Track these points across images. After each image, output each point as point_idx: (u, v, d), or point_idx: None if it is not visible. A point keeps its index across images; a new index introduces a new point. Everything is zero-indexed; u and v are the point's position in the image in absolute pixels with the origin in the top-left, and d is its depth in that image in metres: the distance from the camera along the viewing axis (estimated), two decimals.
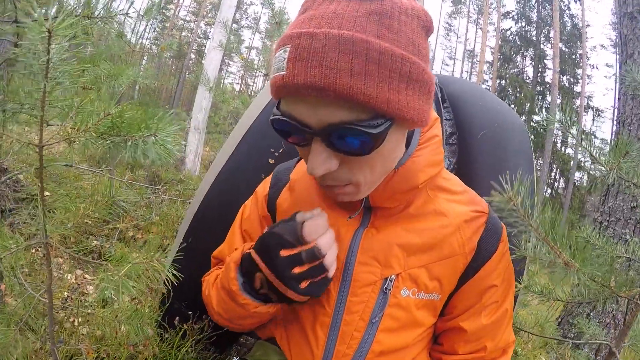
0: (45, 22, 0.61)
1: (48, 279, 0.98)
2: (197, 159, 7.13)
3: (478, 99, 1.20)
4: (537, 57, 20.90)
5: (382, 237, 0.71)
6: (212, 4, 22.60)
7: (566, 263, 0.96)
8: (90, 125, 0.79)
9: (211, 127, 9.03)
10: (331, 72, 0.49)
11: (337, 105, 0.51)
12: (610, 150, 1.14)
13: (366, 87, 0.49)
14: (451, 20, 27.54)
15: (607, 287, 1.09)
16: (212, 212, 1.20)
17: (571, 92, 19.43)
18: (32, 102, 0.70)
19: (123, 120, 0.79)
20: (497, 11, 21.08)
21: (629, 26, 2.94)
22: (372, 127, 0.52)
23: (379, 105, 0.51)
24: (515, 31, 22.12)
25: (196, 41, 22.79)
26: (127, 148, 0.75)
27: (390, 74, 0.51)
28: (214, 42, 7.10)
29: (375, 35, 0.51)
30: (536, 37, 21.09)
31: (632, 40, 2.89)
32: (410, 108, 0.54)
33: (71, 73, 0.71)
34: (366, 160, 0.59)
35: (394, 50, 0.51)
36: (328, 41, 0.49)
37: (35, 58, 0.65)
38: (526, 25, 21.73)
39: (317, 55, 0.49)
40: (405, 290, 0.70)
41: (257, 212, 0.85)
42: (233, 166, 1.21)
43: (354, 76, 0.49)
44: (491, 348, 0.75)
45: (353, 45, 0.49)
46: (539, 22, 20.94)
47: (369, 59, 0.49)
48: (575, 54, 19.99)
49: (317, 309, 0.72)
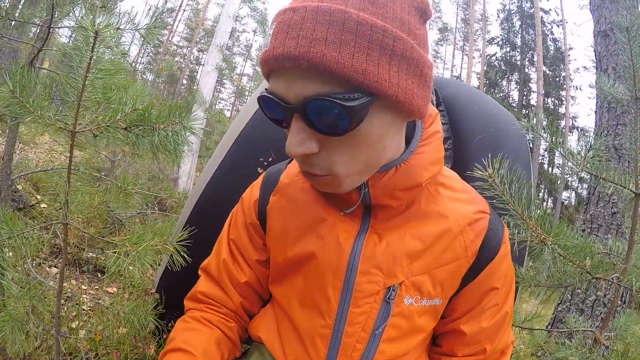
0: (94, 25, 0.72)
1: (62, 262, 1.04)
2: (190, 181, 7.20)
3: (474, 102, 1.17)
4: (522, 80, 21.54)
5: (385, 244, 0.67)
6: (205, 31, 23.14)
7: (541, 240, 1.07)
8: (119, 117, 0.90)
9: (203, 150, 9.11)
10: (305, 42, 0.48)
11: (312, 77, 0.50)
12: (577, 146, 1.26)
13: (340, 56, 0.47)
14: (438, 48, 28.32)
15: (582, 268, 1.19)
16: (200, 225, 1.15)
17: (556, 113, 19.96)
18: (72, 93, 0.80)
19: (150, 113, 0.90)
20: (482, 38, 21.79)
21: (602, 43, 3.12)
22: (346, 99, 0.50)
23: (354, 75, 0.48)
24: (500, 56, 22.83)
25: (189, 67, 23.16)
26: (155, 134, 0.85)
27: (370, 45, 0.49)
28: (209, 66, 7.32)
29: (357, 8, 0.50)
30: (520, 61, 21.79)
31: (606, 56, 3.07)
32: (392, 84, 0.50)
33: (109, 71, 0.82)
34: (347, 144, 0.55)
35: (375, 21, 0.49)
36: (307, 13, 0.49)
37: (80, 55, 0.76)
38: (511, 51, 22.47)
39: (296, 27, 0.49)
40: (409, 299, 0.68)
41: (244, 219, 0.82)
42: (221, 177, 1.17)
43: (328, 45, 0.48)
44: (490, 351, 0.74)
45: (330, 16, 0.48)
46: (522, 46, 21.67)
47: (346, 29, 0.48)
48: (559, 77, 20.60)
49: (316, 320, 0.69)
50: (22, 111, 0.72)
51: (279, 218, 0.75)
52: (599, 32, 3.18)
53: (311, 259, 0.69)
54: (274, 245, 0.76)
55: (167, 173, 6.81)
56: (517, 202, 1.05)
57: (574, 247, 1.18)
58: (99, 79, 0.83)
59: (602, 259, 1.23)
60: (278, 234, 0.75)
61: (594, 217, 2.95)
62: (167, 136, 0.87)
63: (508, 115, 1.23)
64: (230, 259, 0.82)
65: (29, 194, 2.84)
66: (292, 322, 0.72)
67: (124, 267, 0.80)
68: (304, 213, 0.72)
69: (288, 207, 0.75)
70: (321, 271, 0.68)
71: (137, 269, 0.82)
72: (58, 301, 1.07)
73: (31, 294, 1.11)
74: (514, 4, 22.26)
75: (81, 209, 1.27)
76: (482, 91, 1.36)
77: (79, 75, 0.77)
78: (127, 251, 0.86)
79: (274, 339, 0.74)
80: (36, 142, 5.17)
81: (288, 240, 0.73)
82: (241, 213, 0.83)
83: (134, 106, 0.93)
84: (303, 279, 0.71)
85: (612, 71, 2.95)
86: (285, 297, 0.75)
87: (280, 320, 0.75)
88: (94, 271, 2.52)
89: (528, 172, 1.17)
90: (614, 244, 1.40)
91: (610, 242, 1.41)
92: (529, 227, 1.09)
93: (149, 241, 0.90)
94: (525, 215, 1.06)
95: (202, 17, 23.82)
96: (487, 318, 0.73)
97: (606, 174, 1.28)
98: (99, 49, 0.79)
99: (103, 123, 0.88)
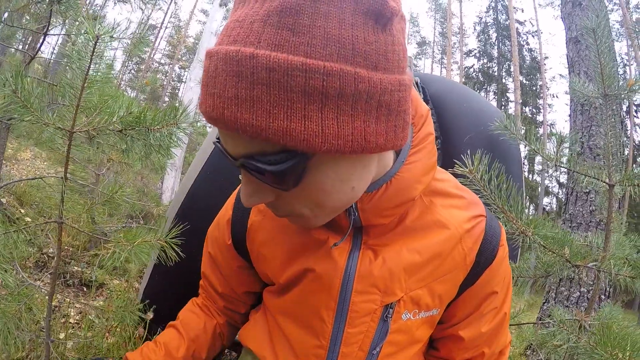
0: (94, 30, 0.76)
1: (56, 262, 1.04)
2: (174, 195, 7.16)
3: (463, 100, 1.13)
4: (499, 91, 22.16)
5: (382, 261, 0.63)
6: (186, 48, 23.19)
7: (522, 231, 1.12)
8: (116, 118, 0.93)
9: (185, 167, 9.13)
10: (220, 101, 0.41)
11: (241, 136, 0.43)
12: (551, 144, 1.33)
13: (254, 118, 0.40)
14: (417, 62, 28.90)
15: (562, 256, 1.25)
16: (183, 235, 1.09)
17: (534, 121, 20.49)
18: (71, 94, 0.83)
19: (146, 116, 0.93)
20: (459, 50, 22.41)
21: (574, 49, 3.27)
22: (271, 163, 0.44)
23: (275, 138, 0.40)
24: (478, 68, 23.48)
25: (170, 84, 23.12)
26: (150, 135, 0.88)
27: (288, 95, 0.39)
28: (192, 81, 7.36)
29: (270, 45, 0.40)
30: (498, 72, 22.43)
31: (578, 62, 3.21)
32: (327, 136, 0.41)
33: (106, 75, 0.85)
34: (303, 194, 0.50)
35: (291, 62, 0.39)
36: (218, 62, 0.42)
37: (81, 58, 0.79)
38: (488, 62, 23.12)
39: (211, 81, 0.42)
40: (407, 314, 0.65)
41: (219, 237, 0.79)
42: (202, 185, 1.12)
43: (240, 105, 0.40)
44: (489, 354, 0.73)
45: (238, 65, 0.40)
46: (499, 58, 22.33)
47: (256, 81, 0.39)
48: (536, 85, 21.27)
49: (310, 340, 0.65)
50: (23, 110, 0.74)
51: (264, 240, 0.71)
52: (570, 39, 3.33)
53: (302, 279, 0.66)
54: (263, 266, 0.73)
55: (151, 188, 6.79)
56: (497, 196, 1.09)
57: (552, 237, 1.23)
58: (96, 84, 0.86)
59: (580, 247, 1.29)
60: (267, 257, 0.71)
61: (573, 216, 3.05)
62: (162, 136, 0.91)
63: (497, 112, 1.20)
64: (210, 271, 0.83)
65: (12, 207, 2.80)
66: (286, 338, 0.69)
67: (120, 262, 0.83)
68: (289, 233, 0.68)
69: (274, 227, 0.70)
70: (313, 291, 0.64)
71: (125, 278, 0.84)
72: (49, 303, 1.07)
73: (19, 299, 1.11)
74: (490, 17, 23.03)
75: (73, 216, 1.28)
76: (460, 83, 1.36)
77: (78, 76, 0.80)
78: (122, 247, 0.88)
79: (266, 350, 0.71)
80: (18, 158, 5.10)
81: (277, 262, 0.69)
82: (216, 230, 0.80)
83: (129, 109, 0.96)
84: (295, 299, 0.68)
85: (584, 75, 3.08)
86: (279, 312, 0.72)
87: (273, 332, 0.72)
88: (79, 285, 2.50)
89: (519, 169, 1.17)
90: (593, 237, 1.47)
91: (590, 236, 1.48)
92: (510, 220, 1.13)
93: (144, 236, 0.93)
94: (505, 208, 1.11)
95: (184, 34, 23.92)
96: (487, 322, 0.71)
97: (580, 168, 1.35)
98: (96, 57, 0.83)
99: (99, 125, 0.90)
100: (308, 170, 0.46)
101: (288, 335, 0.68)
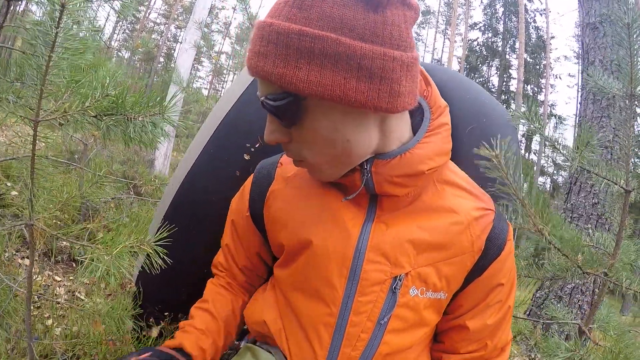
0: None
1: (30, 265, 0.96)
2: (167, 162, 7.02)
3: (465, 91, 1.13)
4: (502, 67, 21.76)
5: (393, 233, 0.68)
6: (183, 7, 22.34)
7: (539, 230, 1.04)
8: (88, 104, 0.81)
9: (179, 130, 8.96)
10: (251, 55, 0.59)
11: (264, 82, 0.60)
12: (573, 142, 1.23)
13: (265, 65, 0.56)
14: (420, 30, 28.19)
15: (574, 262, 1.18)
16: (183, 214, 1.11)
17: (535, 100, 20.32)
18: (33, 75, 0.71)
19: (125, 100, 0.81)
20: (464, 22, 21.81)
21: (590, 36, 3.13)
22: (275, 100, 0.59)
23: (275, 80, 0.56)
24: (482, 42, 22.96)
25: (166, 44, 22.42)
26: (130, 125, 0.76)
27: (287, 51, 0.55)
28: (187, 43, 7.04)
29: (283, 17, 0.56)
30: (502, 47, 21.97)
31: (594, 49, 3.08)
32: (311, 83, 0.55)
33: (77, 50, 0.73)
34: (306, 138, 0.63)
35: (291, 28, 0.54)
36: (257, 30, 0.59)
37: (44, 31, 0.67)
38: (493, 37, 22.59)
39: (252, 41, 0.60)
40: (414, 290, 0.68)
41: (242, 209, 0.85)
42: (204, 164, 1.10)
43: (259, 57, 0.57)
44: (491, 347, 0.75)
45: (262, 30, 0.57)
46: (505, 33, 21.82)
47: (269, 41, 0.56)
48: (540, 65, 20.89)
49: (320, 308, 0.69)
50: None
51: (282, 206, 0.77)
52: (587, 24, 3.18)
53: (316, 245, 0.69)
54: (277, 232, 0.77)
55: (142, 155, 6.60)
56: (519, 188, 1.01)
57: (569, 240, 1.16)
58: (65, 59, 0.74)
59: (592, 254, 1.22)
60: (281, 221, 0.76)
61: (575, 207, 3.00)
62: (144, 127, 0.79)
63: (498, 104, 1.20)
64: (231, 241, 0.87)
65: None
66: (294, 311, 0.73)
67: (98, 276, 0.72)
68: (308, 200, 0.74)
69: (291, 195, 0.77)
70: (326, 258, 0.69)
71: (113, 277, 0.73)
72: (28, 306, 0.98)
73: None
74: None
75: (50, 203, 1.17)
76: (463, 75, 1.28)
77: (42, 54, 0.68)
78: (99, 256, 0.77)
79: (278, 325, 0.75)
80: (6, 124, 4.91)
81: (292, 227, 0.74)
82: (239, 200, 0.86)
83: (105, 91, 0.83)
84: (307, 266, 0.71)
85: (599, 64, 2.96)
86: (288, 283, 0.75)
87: (282, 308, 0.76)
88: (68, 261, 2.40)
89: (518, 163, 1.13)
90: (601, 236, 1.40)
91: (597, 235, 1.41)
92: (529, 215, 1.05)
93: (124, 243, 0.80)
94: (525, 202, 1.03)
95: None
96: (492, 314, 0.74)
97: (598, 169, 1.26)
98: (66, 24, 0.70)
99: (70, 110, 0.78)
100: (304, 112, 0.59)
101: (296, 308, 0.72)
